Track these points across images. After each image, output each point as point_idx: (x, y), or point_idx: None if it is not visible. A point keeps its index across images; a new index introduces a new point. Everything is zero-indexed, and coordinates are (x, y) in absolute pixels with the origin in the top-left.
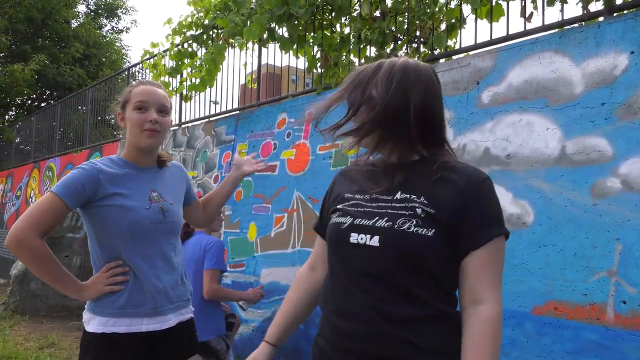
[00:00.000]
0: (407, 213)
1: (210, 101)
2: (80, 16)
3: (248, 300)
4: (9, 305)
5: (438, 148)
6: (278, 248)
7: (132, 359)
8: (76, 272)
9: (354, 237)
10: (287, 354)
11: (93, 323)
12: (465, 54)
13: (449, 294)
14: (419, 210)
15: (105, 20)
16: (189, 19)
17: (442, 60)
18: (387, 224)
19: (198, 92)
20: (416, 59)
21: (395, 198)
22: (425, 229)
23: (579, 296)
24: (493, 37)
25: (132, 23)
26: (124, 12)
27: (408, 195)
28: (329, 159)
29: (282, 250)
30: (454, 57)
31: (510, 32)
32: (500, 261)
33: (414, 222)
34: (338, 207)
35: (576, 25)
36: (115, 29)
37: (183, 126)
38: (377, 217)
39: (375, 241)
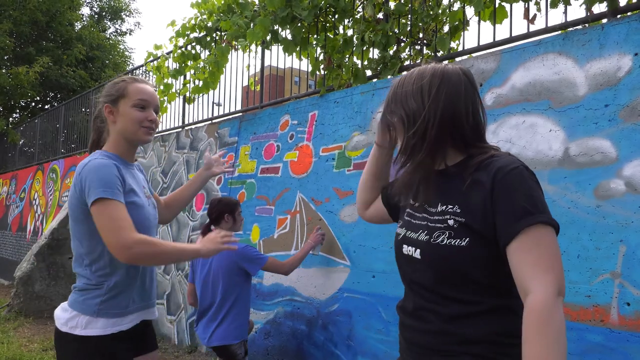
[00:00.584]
0: (442, 226)
1: (212, 103)
2: (84, 19)
3: (313, 247)
4: (13, 306)
5: (474, 148)
6: (281, 250)
7: (130, 352)
8: None
9: (405, 249)
10: (291, 355)
11: (96, 326)
12: (469, 55)
13: (498, 287)
14: (451, 222)
15: (109, 23)
16: (193, 22)
17: (445, 62)
18: (426, 237)
19: (201, 94)
20: (419, 60)
21: (436, 210)
22: (458, 240)
23: (582, 298)
24: (496, 39)
25: (135, 25)
26: (127, 14)
27: (445, 207)
28: (332, 160)
29: (285, 252)
30: (457, 59)
31: (513, 34)
32: (540, 249)
33: (447, 234)
34: (400, 214)
35: (580, 27)
36: (118, 31)
37: (186, 128)
38: (420, 230)
39: (417, 254)
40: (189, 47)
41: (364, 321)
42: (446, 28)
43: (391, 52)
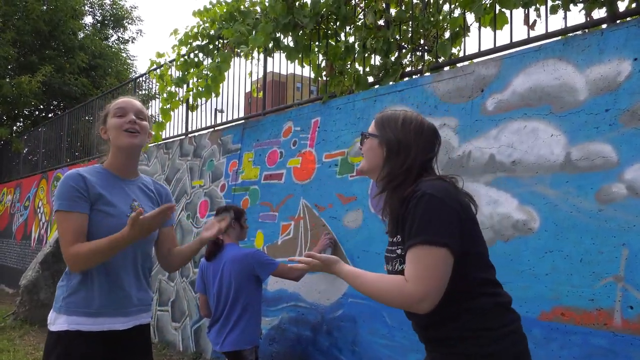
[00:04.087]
0: (395, 255)
1: (215, 110)
2: (87, 27)
3: (323, 251)
4: (18, 315)
5: (417, 179)
6: (285, 256)
7: (94, 357)
8: None
9: None
10: None
11: (58, 322)
12: (470, 61)
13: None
14: (399, 251)
15: (111, 31)
16: (195, 30)
17: (446, 68)
18: (389, 267)
19: (204, 101)
20: (420, 66)
21: (392, 241)
22: (406, 264)
23: (586, 302)
24: (497, 45)
25: (137, 33)
26: (129, 22)
27: (394, 239)
28: (335, 166)
29: (289, 258)
30: (458, 65)
31: (514, 40)
32: (414, 263)
33: (399, 262)
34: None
35: (579, 32)
36: (121, 39)
37: (189, 135)
38: (388, 263)
39: None
40: (191, 55)
41: (369, 326)
42: (447, 34)
43: (392, 59)
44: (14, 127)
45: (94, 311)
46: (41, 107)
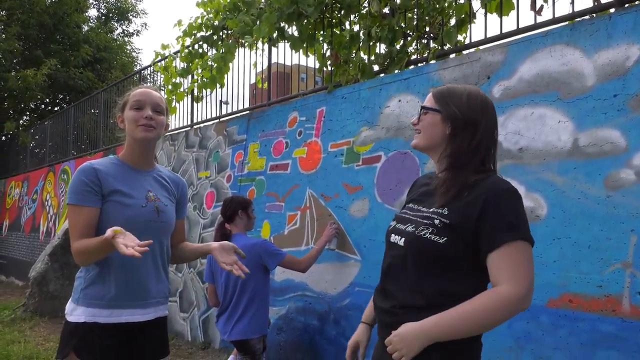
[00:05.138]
0: (428, 222)
1: (220, 101)
2: (92, 21)
3: (329, 241)
4: (28, 306)
5: (483, 162)
6: (292, 246)
7: (111, 349)
8: None
9: (393, 237)
10: (304, 350)
11: (76, 313)
12: (476, 48)
13: (452, 289)
14: (437, 222)
15: (116, 24)
16: (199, 21)
17: (452, 56)
18: (409, 228)
19: (209, 92)
20: (426, 54)
21: (427, 210)
22: (438, 237)
23: (594, 288)
24: (503, 31)
25: (142, 26)
26: (134, 15)
27: (436, 209)
28: (341, 156)
29: (296, 248)
30: (464, 52)
31: (520, 26)
32: (517, 260)
33: (430, 230)
34: (397, 213)
35: (587, 17)
36: (125, 32)
37: (195, 127)
38: (408, 224)
39: (402, 242)
40: (196, 46)
41: None
42: (453, 21)
43: (398, 47)
44: (21, 121)
45: (111, 303)
46: (47, 100)
